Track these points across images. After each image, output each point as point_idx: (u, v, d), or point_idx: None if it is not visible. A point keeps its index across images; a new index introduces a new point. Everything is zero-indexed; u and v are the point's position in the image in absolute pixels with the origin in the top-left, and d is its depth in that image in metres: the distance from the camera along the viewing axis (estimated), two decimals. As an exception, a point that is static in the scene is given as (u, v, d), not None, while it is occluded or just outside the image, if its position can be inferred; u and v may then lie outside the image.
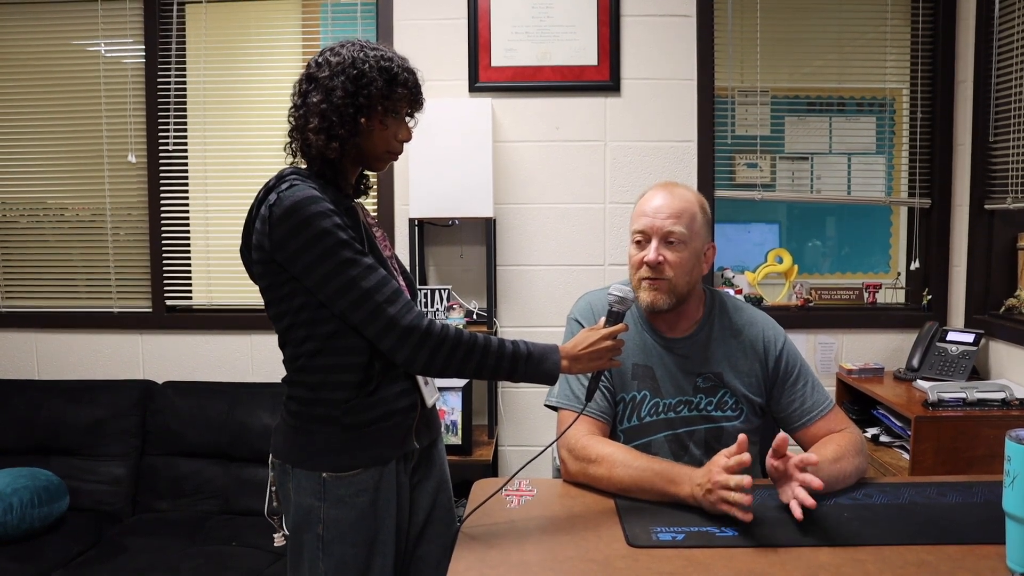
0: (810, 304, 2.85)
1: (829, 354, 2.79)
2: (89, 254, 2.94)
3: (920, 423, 2.12)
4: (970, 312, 2.65)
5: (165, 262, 2.88)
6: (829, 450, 1.41)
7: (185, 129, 2.87)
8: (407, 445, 1.37)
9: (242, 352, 2.87)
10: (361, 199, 1.49)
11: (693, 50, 2.74)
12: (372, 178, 1.55)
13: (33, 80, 2.90)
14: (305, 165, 1.36)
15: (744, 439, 1.23)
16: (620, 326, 1.37)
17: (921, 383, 2.40)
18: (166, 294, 2.89)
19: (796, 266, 2.90)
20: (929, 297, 2.79)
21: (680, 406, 1.53)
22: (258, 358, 2.87)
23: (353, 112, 1.30)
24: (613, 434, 1.55)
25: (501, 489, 1.38)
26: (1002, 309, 2.56)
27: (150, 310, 2.89)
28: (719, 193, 2.81)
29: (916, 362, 2.53)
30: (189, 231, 2.89)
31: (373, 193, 2.77)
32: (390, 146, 1.38)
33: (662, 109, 2.76)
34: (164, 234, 2.88)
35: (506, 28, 2.73)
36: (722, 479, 1.21)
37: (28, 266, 2.96)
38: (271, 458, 1.38)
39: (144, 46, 2.83)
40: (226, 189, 2.87)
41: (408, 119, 1.41)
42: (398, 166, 2.71)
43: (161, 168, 2.86)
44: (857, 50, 2.84)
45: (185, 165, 2.87)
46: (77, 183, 2.92)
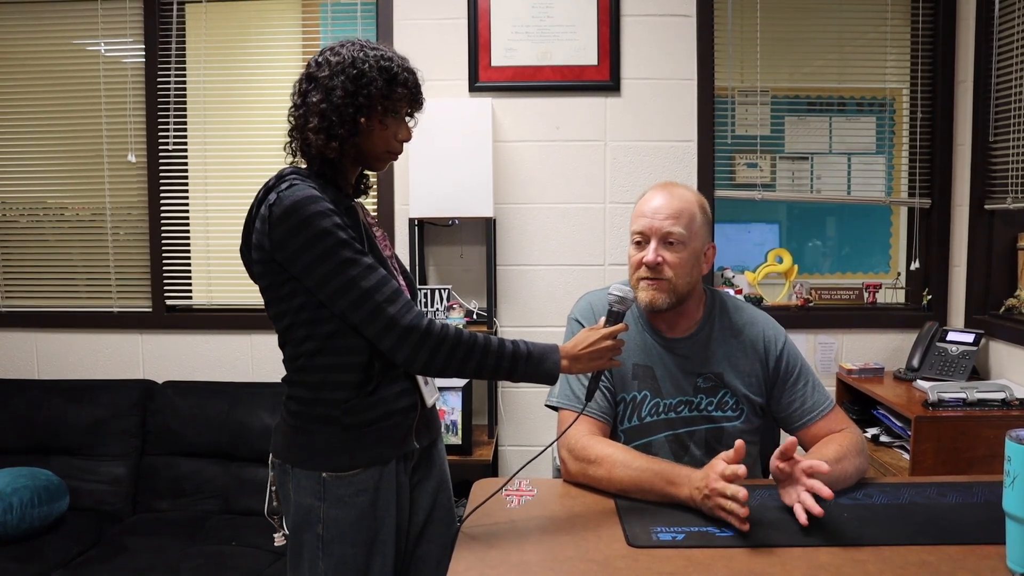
0: (810, 304, 2.84)
1: (829, 354, 2.79)
2: (89, 254, 2.94)
3: (920, 423, 2.12)
4: (970, 312, 2.65)
5: (165, 262, 2.89)
6: (830, 450, 1.41)
7: (185, 129, 2.87)
8: (407, 445, 1.37)
9: (242, 352, 2.87)
10: (361, 199, 1.49)
11: (693, 50, 2.74)
12: (372, 178, 1.55)
13: (33, 80, 2.90)
14: (305, 165, 1.36)
15: (741, 446, 1.23)
16: (620, 326, 1.36)
17: (921, 383, 2.40)
18: (166, 294, 2.89)
19: (796, 266, 2.90)
20: (929, 297, 2.79)
21: (680, 406, 1.53)
22: (258, 358, 2.87)
23: (353, 112, 1.30)
24: (614, 434, 1.55)
25: (501, 489, 1.38)
26: (1002, 309, 2.56)
27: (150, 310, 2.89)
28: (719, 193, 2.81)
29: (916, 362, 2.53)
30: (189, 231, 2.89)
31: (373, 193, 2.77)
32: (390, 146, 1.38)
33: (662, 109, 2.76)
34: (164, 234, 2.88)
35: (506, 28, 2.73)
36: (719, 487, 1.21)
37: (28, 266, 2.96)
38: (271, 458, 1.38)
39: (144, 46, 2.83)
40: (226, 189, 2.87)
41: (408, 119, 1.41)
42: (398, 166, 2.71)
43: (161, 168, 2.86)
44: (857, 50, 2.84)
45: (185, 165, 2.88)
46: (77, 183, 2.92)
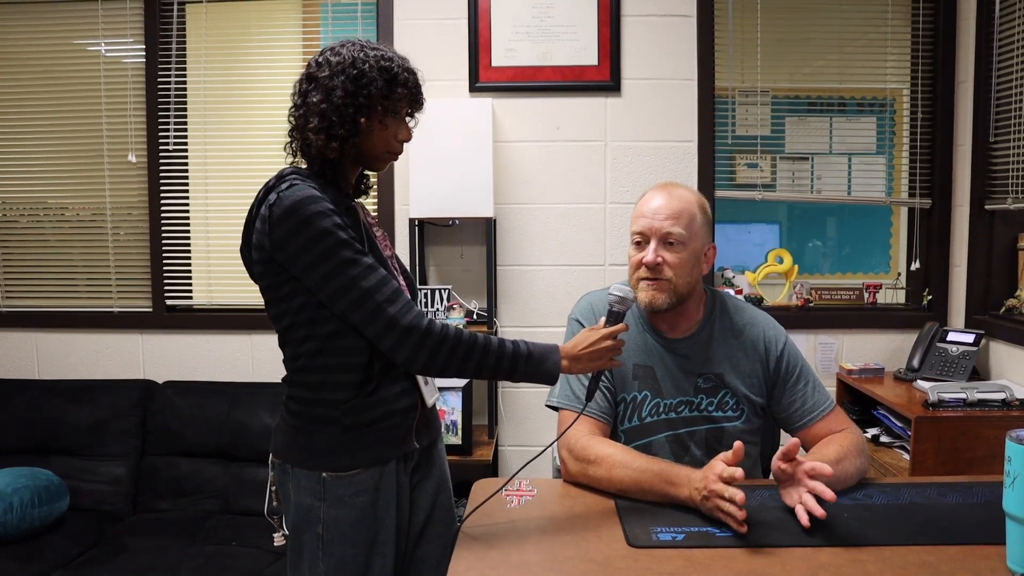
0: (810, 304, 2.84)
1: (829, 354, 2.79)
2: (89, 254, 2.94)
3: (920, 423, 2.12)
4: (970, 312, 2.65)
5: (165, 262, 2.89)
6: (831, 451, 1.41)
7: (185, 129, 2.87)
8: (407, 445, 1.37)
9: (242, 352, 2.87)
10: (361, 199, 1.49)
11: (693, 50, 2.74)
12: (372, 178, 1.55)
13: (33, 80, 2.90)
14: (305, 165, 1.36)
15: (740, 447, 1.23)
16: (620, 326, 1.36)
17: (921, 383, 2.40)
18: (166, 294, 2.89)
19: (796, 266, 2.90)
20: (929, 297, 2.79)
21: (681, 406, 1.53)
22: (258, 358, 2.87)
23: (353, 112, 1.30)
24: (614, 434, 1.55)
25: (501, 489, 1.38)
26: (1002, 309, 2.55)
27: (150, 310, 2.89)
28: (719, 193, 2.81)
29: (916, 362, 2.53)
30: (189, 231, 2.89)
31: (373, 193, 2.77)
32: (390, 146, 1.38)
33: (662, 109, 2.75)
34: (164, 234, 2.88)
35: (506, 28, 2.73)
36: (717, 488, 1.21)
37: (28, 266, 2.96)
38: (271, 458, 1.38)
39: (144, 46, 2.83)
40: (226, 189, 2.87)
41: (408, 119, 1.40)
42: (398, 166, 2.71)
43: (161, 168, 2.86)
44: (858, 50, 2.84)
45: (185, 165, 2.88)
46: (77, 183, 2.92)
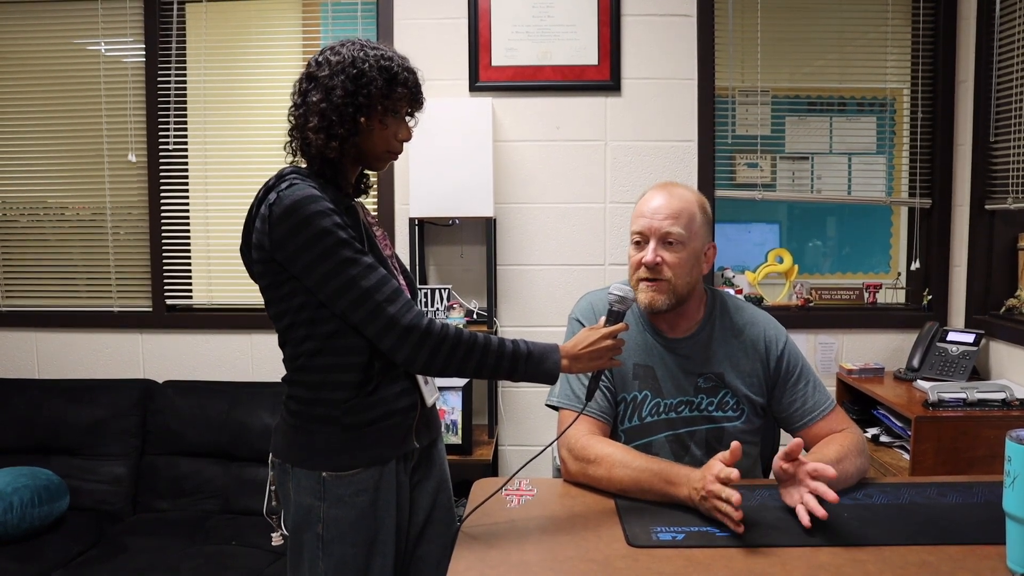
0: (810, 304, 2.84)
1: (829, 354, 2.79)
2: (89, 253, 2.94)
3: (920, 423, 2.12)
4: (970, 312, 2.65)
5: (165, 261, 2.88)
6: (831, 450, 1.41)
7: (185, 128, 2.87)
8: (407, 445, 1.37)
9: (242, 352, 2.87)
10: (361, 198, 1.49)
11: (693, 50, 2.74)
12: (372, 177, 1.55)
13: (33, 80, 2.90)
14: (305, 164, 1.36)
15: (737, 447, 1.23)
16: (620, 325, 1.36)
17: (921, 383, 2.40)
18: (166, 293, 2.88)
19: (796, 266, 2.90)
20: (929, 297, 2.78)
21: (681, 406, 1.53)
22: (258, 357, 2.87)
23: (353, 111, 1.30)
24: (614, 434, 1.55)
25: (501, 489, 1.38)
26: (1002, 309, 2.55)
27: (150, 309, 2.89)
28: (719, 193, 2.81)
29: (916, 362, 2.53)
30: (189, 230, 2.89)
31: (373, 192, 2.77)
32: (390, 145, 1.37)
33: (662, 109, 2.75)
34: (164, 233, 2.88)
35: (506, 28, 2.73)
36: (715, 489, 1.21)
37: (28, 265, 2.96)
38: (271, 457, 1.38)
39: (144, 45, 2.83)
40: (226, 188, 2.87)
41: (408, 119, 1.40)
42: (398, 166, 2.71)
43: (161, 167, 2.86)
44: (858, 50, 2.84)
45: (185, 164, 2.88)
46: (77, 182, 2.92)
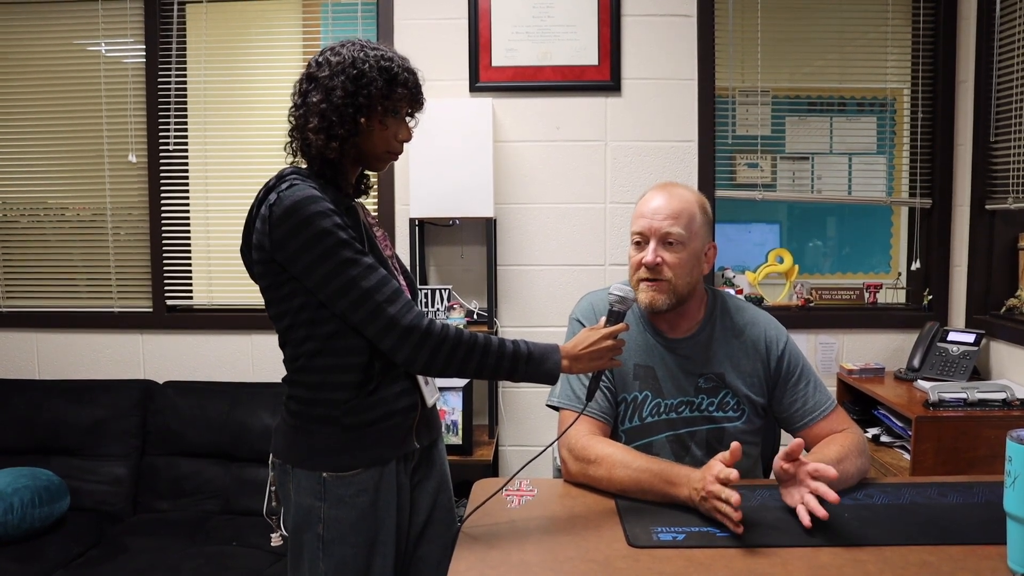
0: (811, 304, 2.84)
1: (830, 354, 2.79)
2: (89, 254, 2.94)
3: (921, 423, 2.12)
4: (971, 312, 2.65)
5: (165, 262, 2.88)
6: (832, 451, 1.41)
7: (185, 129, 2.87)
8: (407, 445, 1.37)
9: (242, 352, 2.87)
10: (361, 199, 1.49)
11: (694, 50, 2.74)
12: (372, 178, 1.55)
13: (33, 80, 2.90)
14: (305, 165, 1.36)
15: (737, 448, 1.23)
16: (621, 326, 1.36)
17: (922, 383, 2.40)
18: (166, 294, 2.88)
19: (797, 266, 2.90)
20: (930, 297, 2.78)
21: (682, 407, 1.53)
22: (258, 358, 2.87)
23: (353, 112, 1.30)
24: (615, 434, 1.54)
25: (501, 489, 1.38)
26: (1003, 309, 2.55)
27: (150, 310, 2.89)
28: (720, 193, 2.81)
29: (917, 362, 2.53)
30: (189, 231, 2.89)
31: (373, 193, 2.77)
32: (390, 146, 1.37)
33: (663, 109, 2.75)
34: (164, 234, 2.88)
35: (507, 28, 2.73)
36: (714, 489, 1.21)
37: (28, 266, 2.96)
38: (271, 458, 1.38)
39: (144, 46, 2.83)
40: (226, 189, 2.87)
41: (408, 119, 1.40)
42: (398, 166, 2.71)
43: (161, 168, 2.86)
44: (858, 50, 2.84)
45: (185, 165, 2.88)
46: (78, 183, 2.92)
